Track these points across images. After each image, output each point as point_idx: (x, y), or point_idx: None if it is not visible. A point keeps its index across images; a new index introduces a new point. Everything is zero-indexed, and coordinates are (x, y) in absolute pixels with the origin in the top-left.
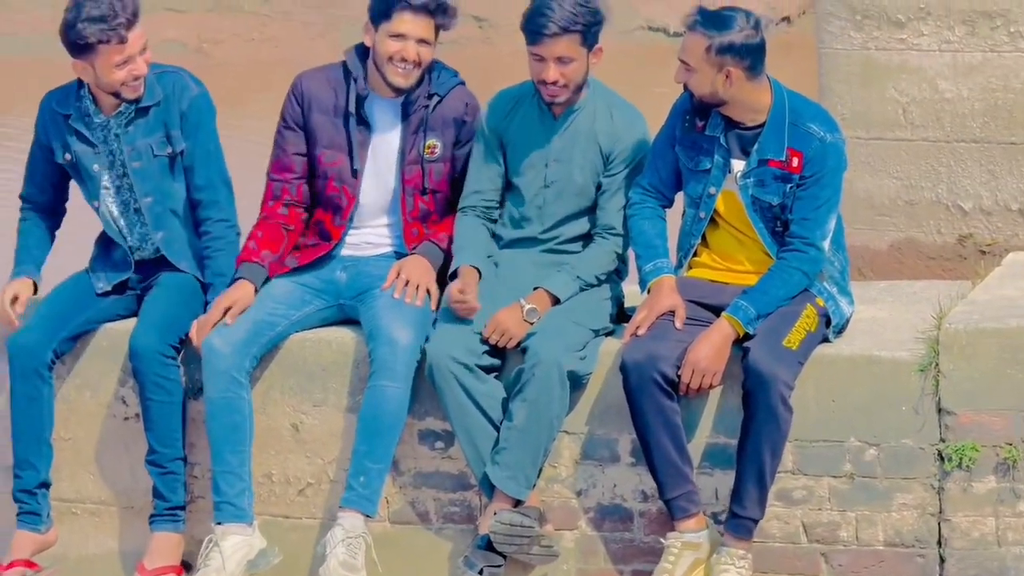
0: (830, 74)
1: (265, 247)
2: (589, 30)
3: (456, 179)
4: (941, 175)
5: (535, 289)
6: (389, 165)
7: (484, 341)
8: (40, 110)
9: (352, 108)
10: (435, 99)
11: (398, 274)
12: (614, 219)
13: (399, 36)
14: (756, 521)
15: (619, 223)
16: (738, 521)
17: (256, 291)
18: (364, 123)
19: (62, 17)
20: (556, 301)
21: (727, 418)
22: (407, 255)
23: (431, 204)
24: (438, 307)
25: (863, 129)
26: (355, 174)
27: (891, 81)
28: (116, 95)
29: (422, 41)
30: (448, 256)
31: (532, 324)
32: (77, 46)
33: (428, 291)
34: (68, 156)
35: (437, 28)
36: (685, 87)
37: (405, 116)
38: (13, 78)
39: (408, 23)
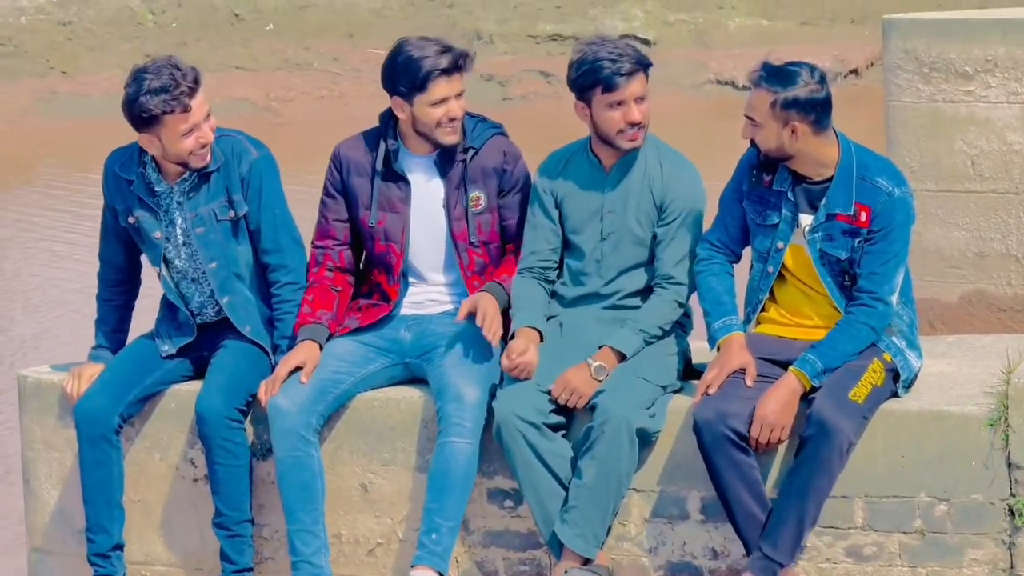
0: (898, 127)
1: (320, 308)
2: (649, 69)
3: (504, 227)
4: (1011, 227)
5: (600, 347)
6: (435, 220)
7: (552, 400)
8: (104, 171)
9: (380, 165)
10: (471, 152)
11: (471, 310)
12: (672, 269)
13: (441, 102)
14: (783, 566)
15: (678, 272)
16: (766, 563)
17: (320, 349)
18: (401, 179)
19: (123, 93)
20: (622, 357)
21: None
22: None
23: (485, 256)
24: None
25: (932, 181)
26: (401, 232)
27: (959, 133)
28: (184, 165)
29: (460, 95)
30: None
31: (600, 382)
32: (141, 119)
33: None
34: (132, 219)
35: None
36: (752, 142)
37: (443, 171)
38: (86, 139)
39: (445, 87)
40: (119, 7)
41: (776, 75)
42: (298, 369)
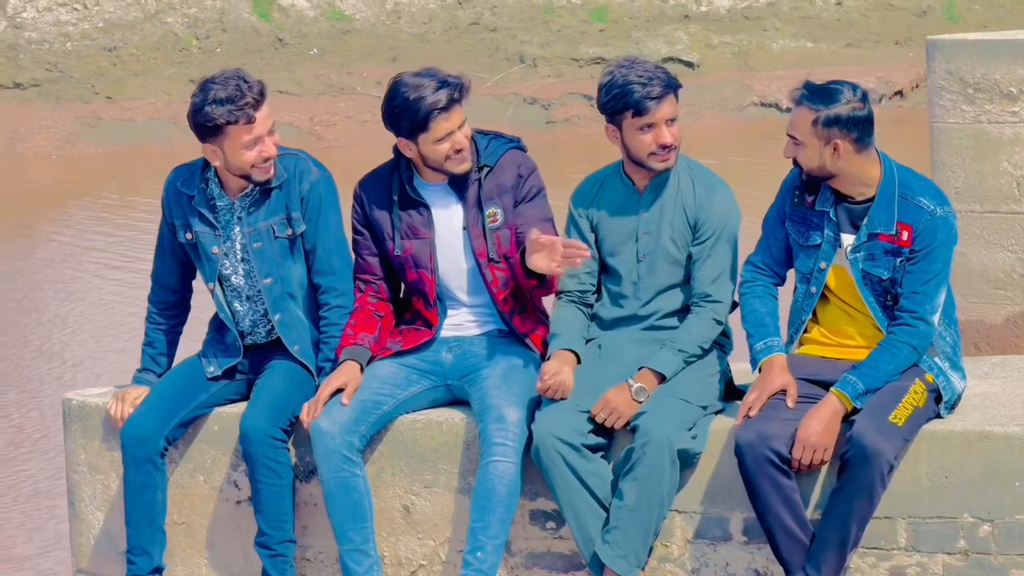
0: (942, 148)
1: (362, 331)
2: (679, 91)
3: (519, 237)
4: None
5: (640, 369)
6: (458, 242)
7: (591, 419)
8: (165, 187)
9: (396, 195)
10: (485, 170)
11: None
12: (708, 287)
13: (445, 137)
14: None
15: (714, 291)
16: None
17: (362, 370)
18: (421, 205)
19: (189, 103)
20: (662, 378)
21: None
22: (508, 328)
23: (507, 270)
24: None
25: (977, 203)
26: (428, 257)
27: (1004, 154)
28: (247, 178)
29: (462, 125)
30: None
31: (641, 403)
32: (206, 128)
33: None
34: (189, 235)
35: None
36: (794, 162)
37: (460, 193)
38: (132, 164)
39: (446, 123)
40: (164, 32)
41: (818, 93)
42: (340, 391)
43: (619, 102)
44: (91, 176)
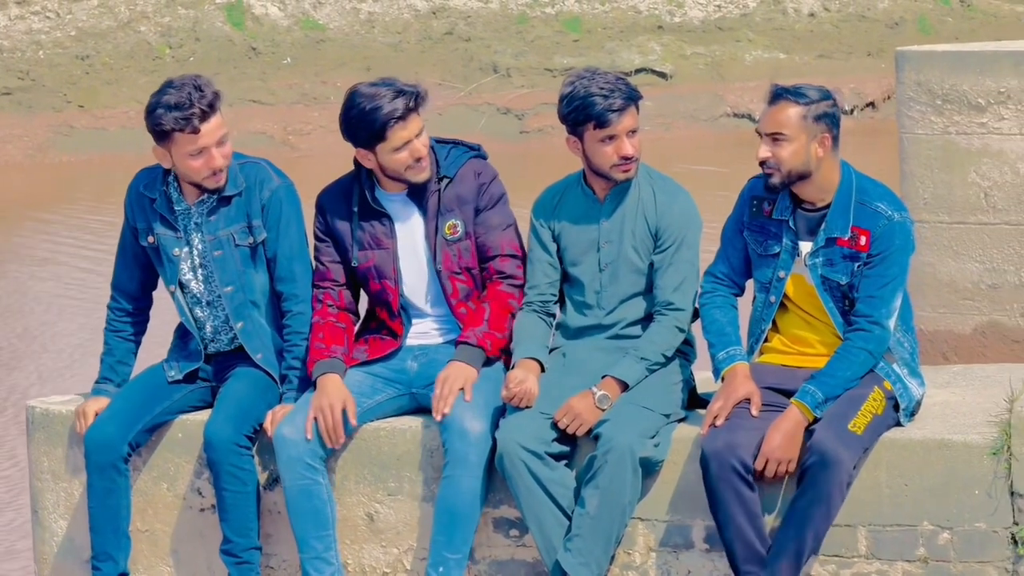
0: (911, 159)
1: (332, 343)
2: (639, 101)
3: (479, 245)
4: None
5: (603, 377)
6: (419, 253)
7: (554, 427)
8: (128, 190)
9: (356, 206)
10: (445, 181)
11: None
12: (670, 295)
13: (403, 146)
14: None
15: (676, 299)
16: None
17: (342, 380)
18: (384, 215)
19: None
20: (625, 387)
21: None
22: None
23: (469, 282)
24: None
25: (945, 213)
26: (391, 268)
27: (972, 165)
28: (197, 185)
29: (420, 134)
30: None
31: (604, 410)
32: (155, 131)
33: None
34: (151, 239)
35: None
36: (764, 168)
37: (420, 204)
38: (104, 173)
39: (403, 132)
40: (137, 41)
41: (798, 92)
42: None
43: (581, 114)
44: (63, 185)
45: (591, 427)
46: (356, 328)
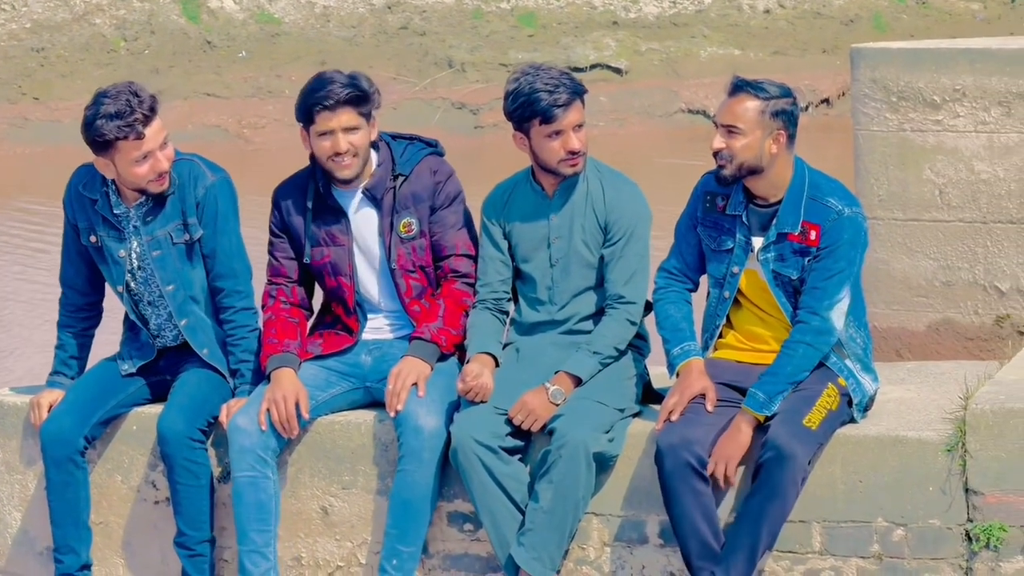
0: (866, 156)
1: (285, 337)
2: (584, 96)
3: (434, 244)
4: (978, 256)
5: (556, 373)
6: (373, 250)
7: (509, 422)
8: (67, 189)
9: (311, 203)
10: (400, 179)
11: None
12: (621, 288)
13: (326, 134)
14: None
15: (628, 292)
16: None
17: (296, 373)
18: (339, 212)
19: (83, 117)
20: (579, 381)
21: None
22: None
23: (423, 280)
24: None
25: (900, 210)
26: (347, 264)
27: (927, 162)
28: (141, 191)
29: (348, 130)
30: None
31: (558, 405)
32: (97, 143)
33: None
34: (94, 239)
35: (367, 114)
36: (716, 159)
37: (375, 201)
38: (59, 165)
39: (330, 120)
40: (92, 34)
41: (758, 86)
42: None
43: (526, 110)
44: (17, 177)
45: (545, 423)
46: (310, 323)
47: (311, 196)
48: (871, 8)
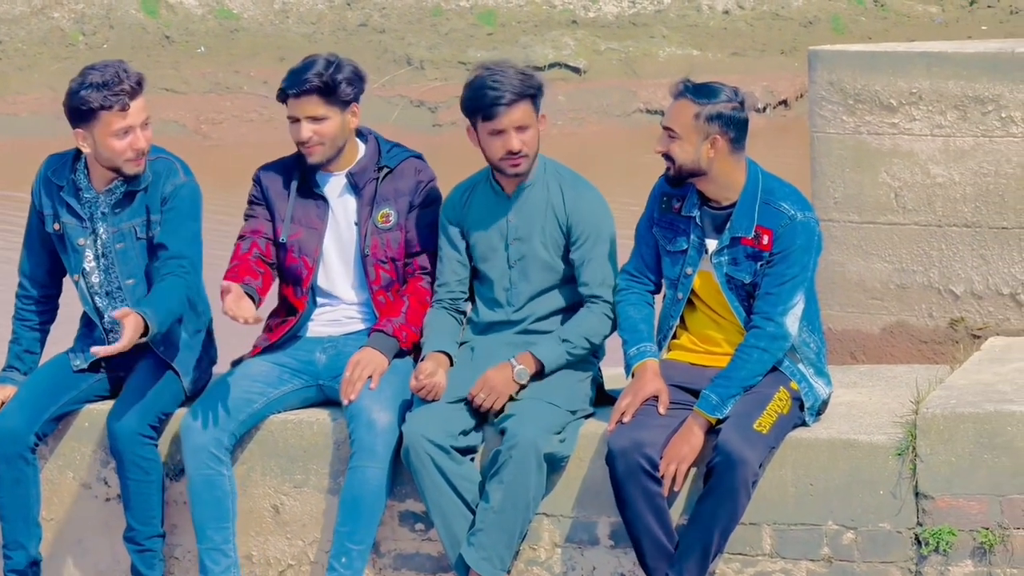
0: (822, 158)
1: (245, 276)
2: (536, 97)
3: (407, 240)
4: (933, 259)
5: (522, 352)
6: (348, 237)
7: (464, 416)
8: (37, 175)
9: (295, 184)
10: (384, 171)
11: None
12: (598, 290)
13: (294, 120)
14: None
15: (605, 293)
16: None
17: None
18: (320, 198)
19: (67, 89)
20: (542, 368)
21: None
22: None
23: (392, 272)
24: None
25: (855, 213)
26: (315, 248)
27: (883, 165)
28: (116, 170)
29: (312, 119)
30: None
31: (523, 386)
32: (79, 112)
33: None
34: (57, 226)
35: (340, 103)
36: (665, 158)
37: (356, 189)
38: (15, 158)
39: (296, 107)
40: (50, 27)
41: (700, 90)
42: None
43: (472, 104)
44: None
45: (504, 402)
46: (272, 283)
47: (296, 178)
48: (829, 10)
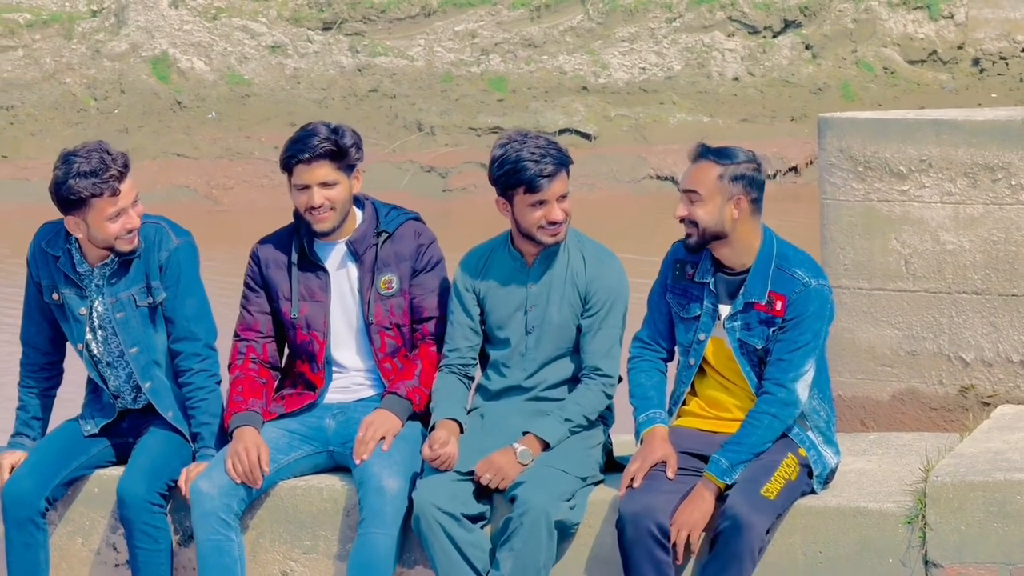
0: (832, 224)
1: (250, 396)
2: (569, 166)
3: (413, 306)
4: (943, 326)
5: (524, 434)
6: (351, 306)
7: (473, 487)
8: (31, 246)
9: (295, 258)
10: (383, 236)
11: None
12: (599, 360)
13: (303, 188)
14: None
15: (606, 365)
16: None
17: (259, 432)
18: (320, 268)
19: (52, 176)
20: (546, 446)
21: None
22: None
23: (398, 339)
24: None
25: (865, 280)
26: (322, 321)
27: (893, 232)
28: (110, 249)
29: (324, 185)
30: (412, 403)
31: (526, 465)
32: (69, 202)
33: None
34: (56, 296)
35: (347, 167)
36: (685, 224)
37: (357, 257)
38: (26, 224)
39: (305, 173)
40: (62, 92)
41: (719, 152)
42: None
43: (512, 178)
44: None
45: (511, 481)
46: (276, 383)
47: (295, 250)
48: (840, 77)
